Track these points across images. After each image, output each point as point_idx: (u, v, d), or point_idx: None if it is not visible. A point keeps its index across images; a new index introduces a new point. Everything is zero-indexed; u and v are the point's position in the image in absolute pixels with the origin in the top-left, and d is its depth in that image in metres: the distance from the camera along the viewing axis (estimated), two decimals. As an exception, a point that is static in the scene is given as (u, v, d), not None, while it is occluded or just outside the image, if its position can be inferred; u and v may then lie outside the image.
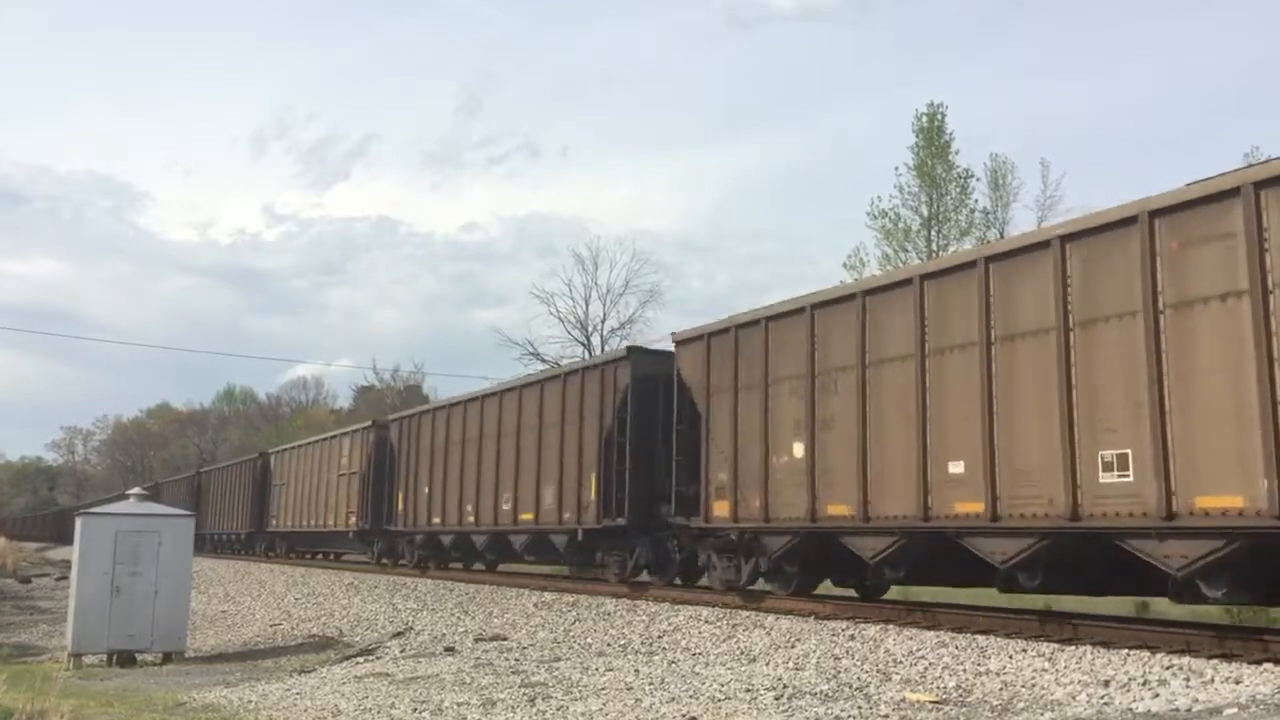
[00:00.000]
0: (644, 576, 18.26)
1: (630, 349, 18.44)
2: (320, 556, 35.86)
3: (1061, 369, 10.37)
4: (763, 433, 14.27)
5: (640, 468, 17.23)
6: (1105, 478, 9.89)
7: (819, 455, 13.33)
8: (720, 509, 15.06)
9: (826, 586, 16.10)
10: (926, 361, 11.98)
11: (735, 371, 14.98)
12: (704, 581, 16.69)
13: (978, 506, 11.12)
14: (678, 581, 17.53)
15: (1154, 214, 9.68)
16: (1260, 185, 8.96)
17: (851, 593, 15.35)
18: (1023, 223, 35.14)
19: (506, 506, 20.97)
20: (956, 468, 11.42)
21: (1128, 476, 9.70)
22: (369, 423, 29.58)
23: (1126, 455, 9.74)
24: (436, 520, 24.33)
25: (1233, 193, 9.17)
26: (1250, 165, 10.29)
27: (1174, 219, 9.54)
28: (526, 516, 20.27)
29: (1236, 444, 8.92)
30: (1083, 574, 11.19)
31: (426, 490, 24.92)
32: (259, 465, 40.14)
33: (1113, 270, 10.04)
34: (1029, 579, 11.27)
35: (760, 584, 15.31)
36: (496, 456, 21.55)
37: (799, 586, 14.81)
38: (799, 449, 13.72)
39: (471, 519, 22.43)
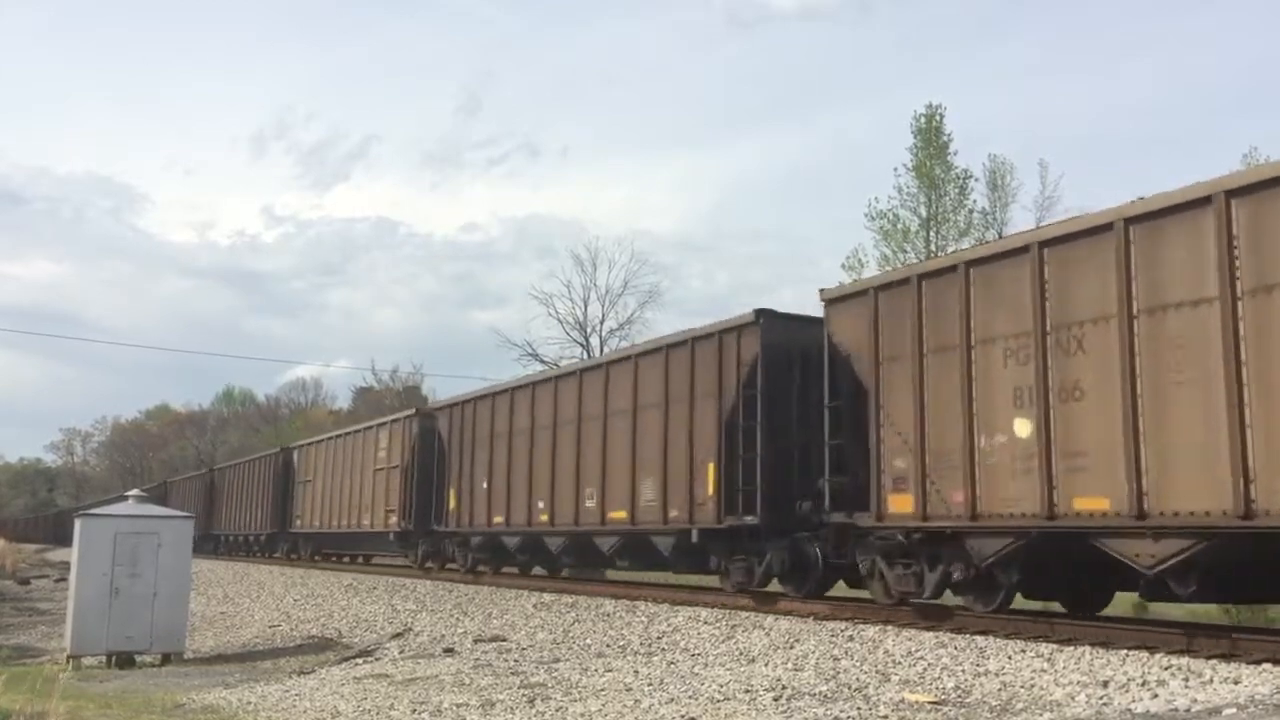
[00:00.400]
0: (773, 586, 15.28)
1: (760, 311, 14.96)
2: (348, 559, 33.55)
3: None
4: (965, 407, 11.49)
5: (774, 455, 14.50)
6: None
7: (1058, 433, 10.55)
8: (899, 504, 12.34)
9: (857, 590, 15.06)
10: (1241, 304, 9.13)
11: (918, 332, 12.22)
12: (866, 593, 13.83)
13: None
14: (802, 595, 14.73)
15: None
16: None
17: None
18: (1021, 223, 35.20)
19: (590, 504, 18.22)
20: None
21: None
22: (411, 411, 26.79)
23: None
24: (499, 519, 21.45)
25: None
26: None
27: None
28: (618, 515, 17.47)
29: None
30: None
31: (485, 485, 22.06)
32: (280, 461, 37.29)
33: None
34: None
35: (945, 596, 12.66)
36: (577, 445, 18.70)
37: (1003, 601, 11.87)
38: (1024, 426, 10.94)
39: (544, 518, 19.66)
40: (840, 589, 15.03)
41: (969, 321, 11.61)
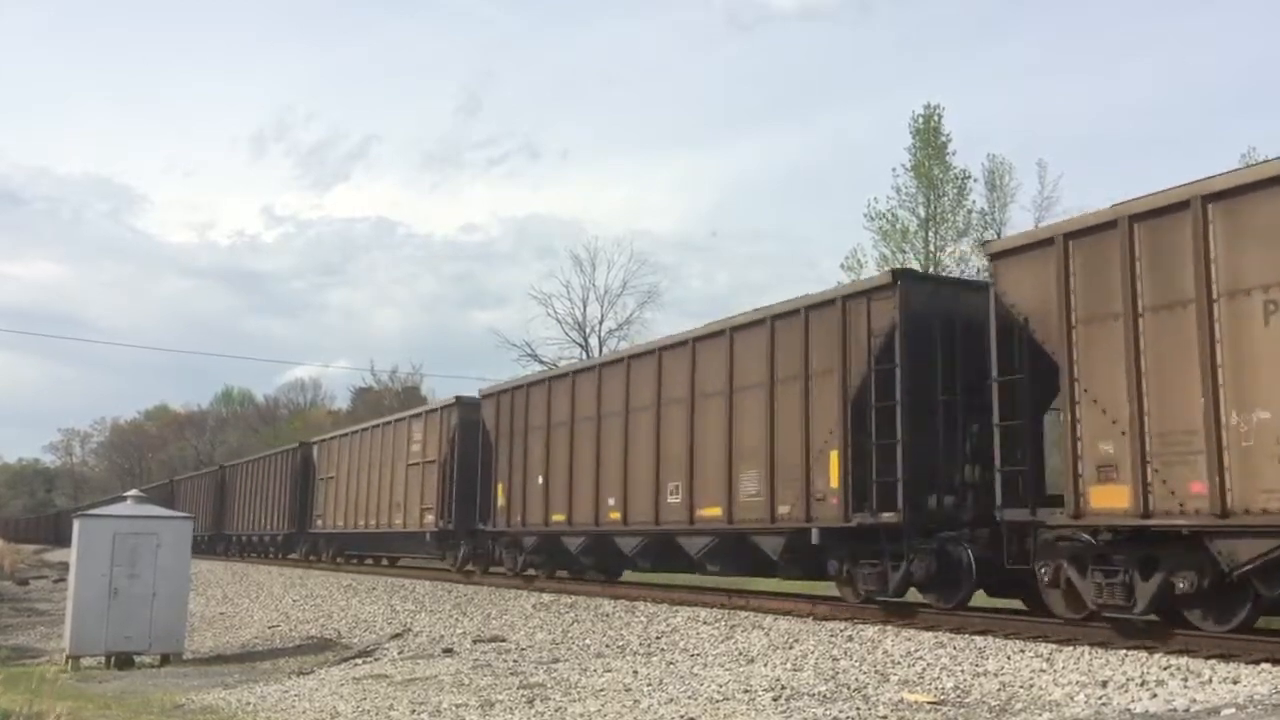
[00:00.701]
0: (911, 595, 13.23)
1: (898, 271, 13.21)
2: (371, 561, 31.87)
3: None
4: (1208, 375, 9.32)
5: (918, 441, 12.51)
6: None
7: None
8: (1107, 496, 10.11)
9: (820, 586, 14.92)
10: None
11: (1131, 285, 10.04)
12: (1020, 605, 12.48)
13: None
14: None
15: None
16: None
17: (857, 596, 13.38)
18: (1020, 224, 35.25)
19: (675, 499, 16.08)
20: None
21: None
22: (451, 400, 24.10)
23: None
24: (559, 518, 19.14)
25: None
26: None
27: None
28: (710, 513, 15.28)
29: None
30: None
31: (541, 480, 19.56)
32: (299, 457, 35.26)
33: None
34: None
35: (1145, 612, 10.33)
36: (656, 434, 16.63)
37: (1247, 618, 9.80)
38: None
39: (616, 515, 17.46)
40: (980, 599, 13.23)
41: (1208, 268, 9.51)
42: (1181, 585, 9.81)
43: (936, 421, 12.74)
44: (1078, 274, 10.69)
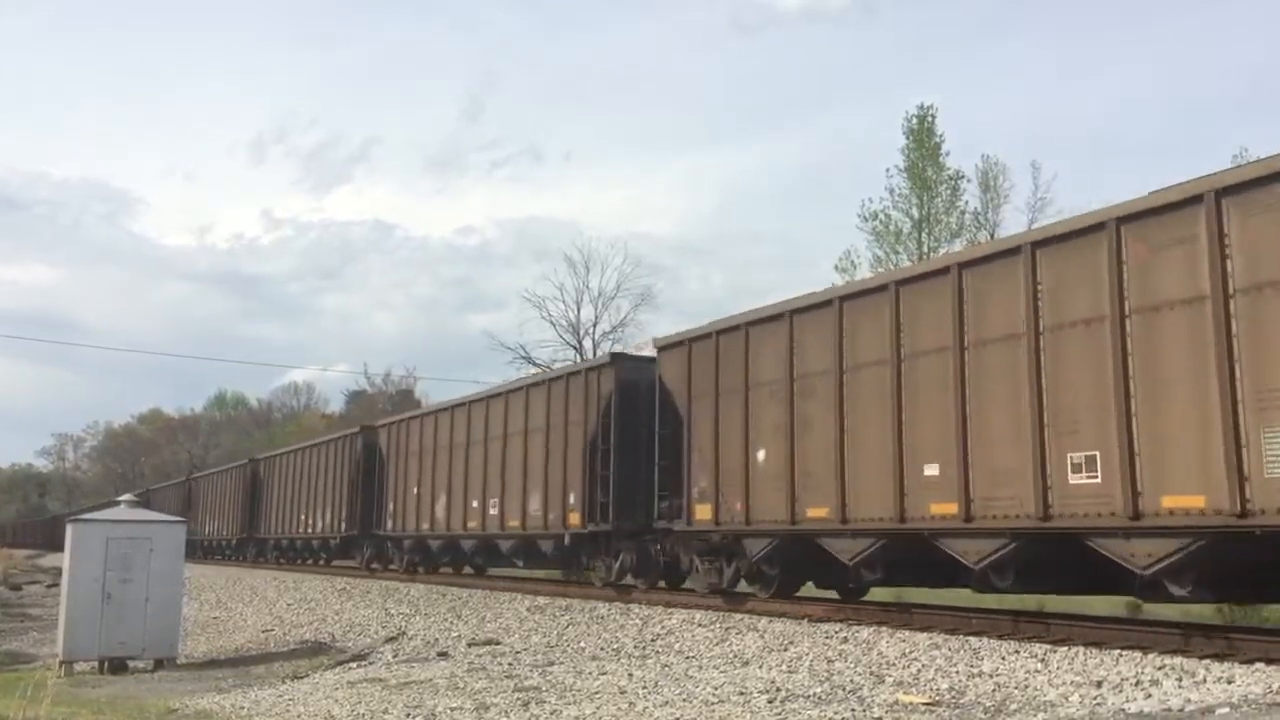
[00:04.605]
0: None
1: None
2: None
3: None
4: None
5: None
6: None
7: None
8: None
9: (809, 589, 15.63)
10: None
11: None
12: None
13: None
14: None
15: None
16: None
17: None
18: (1014, 225, 35.29)
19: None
20: None
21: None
22: (604, 359, 20.85)
23: None
24: (819, 512, 16.42)
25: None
26: None
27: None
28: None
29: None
30: None
31: (763, 456, 15.02)
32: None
33: None
34: None
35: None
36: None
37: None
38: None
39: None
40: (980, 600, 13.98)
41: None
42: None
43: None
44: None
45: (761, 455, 14.21)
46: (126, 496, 19.44)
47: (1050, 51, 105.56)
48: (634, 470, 17.19)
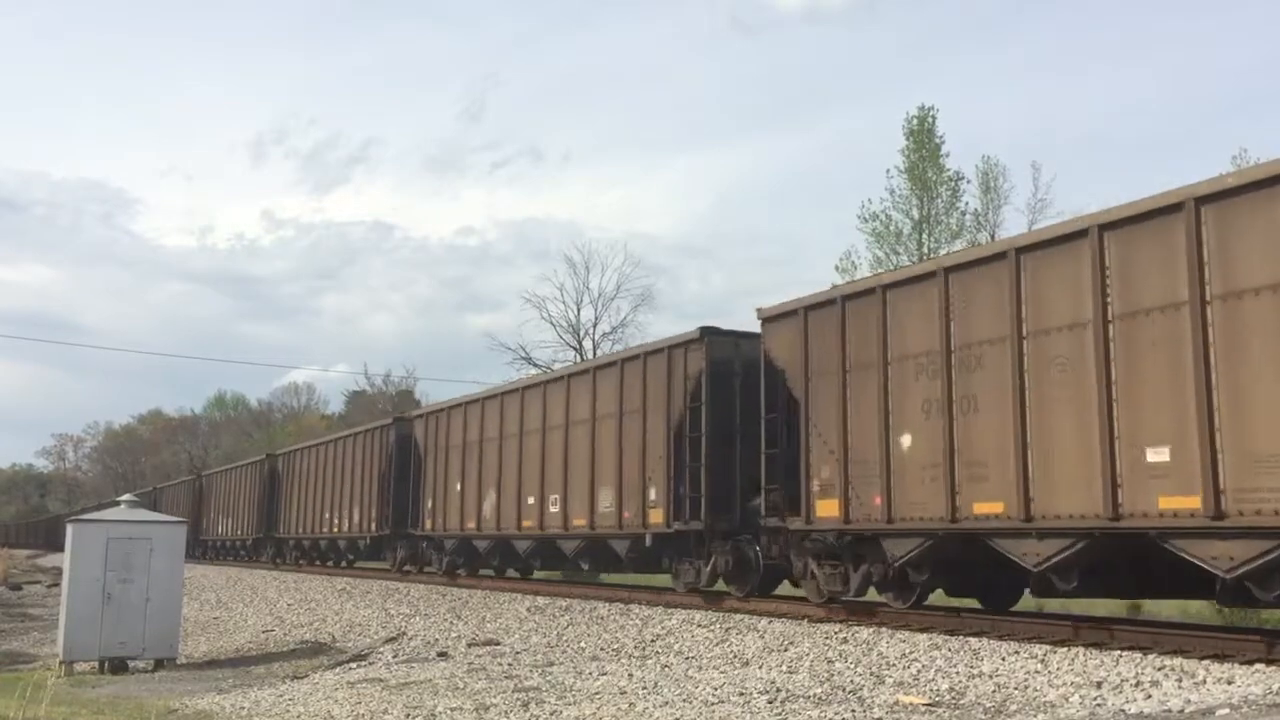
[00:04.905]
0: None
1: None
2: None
3: None
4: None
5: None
6: None
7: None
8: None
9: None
10: None
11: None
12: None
13: None
14: None
15: None
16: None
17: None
18: (1014, 226, 35.29)
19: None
20: None
21: None
22: (692, 334, 17.70)
23: None
24: (990, 508, 17.01)
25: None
26: None
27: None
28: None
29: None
30: None
31: (907, 441, 16.17)
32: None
33: None
34: None
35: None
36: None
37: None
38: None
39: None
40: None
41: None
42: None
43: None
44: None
45: (906, 441, 12.17)
46: (127, 497, 19.43)
47: (1050, 52, 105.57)
48: (727, 461, 15.32)
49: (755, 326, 15.05)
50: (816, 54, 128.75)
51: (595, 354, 44.81)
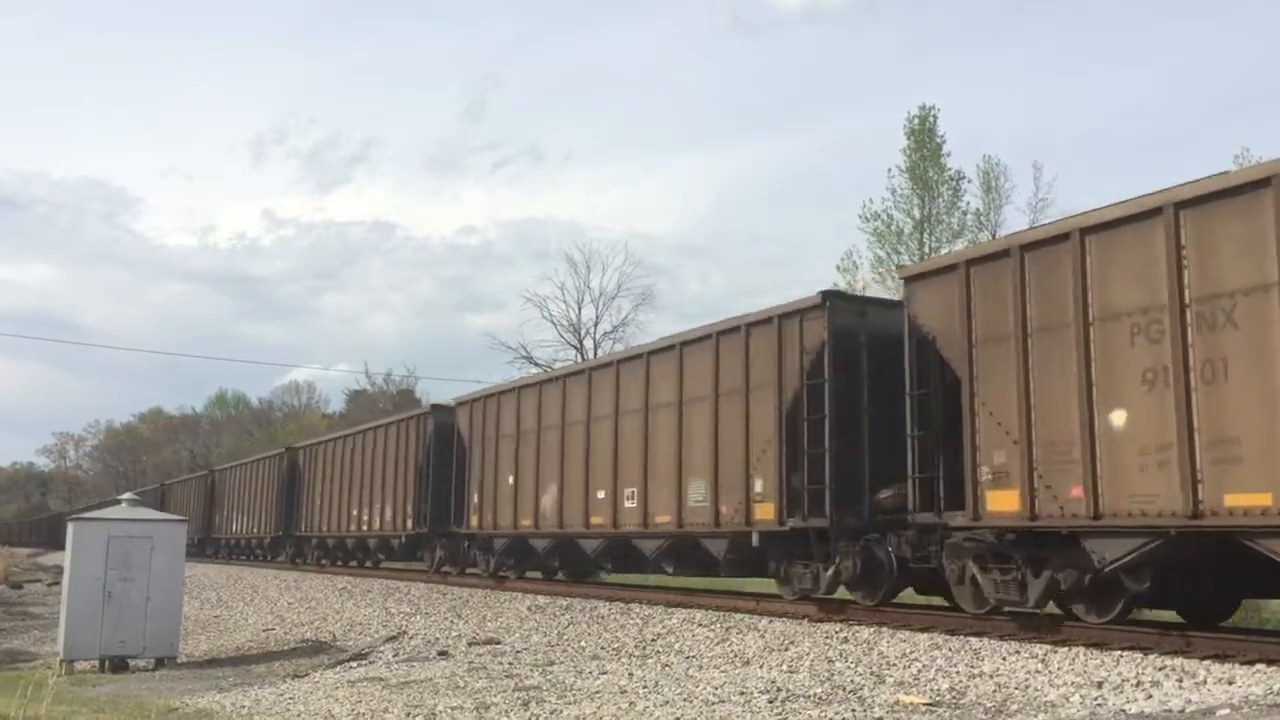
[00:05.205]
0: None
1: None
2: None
3: None
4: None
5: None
6: None
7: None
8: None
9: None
10: None
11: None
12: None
13: None
14: None
15: None
16: None
17: (847, 595, 13.91)
18: (1015, 225, 35.25)
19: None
20: None
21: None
22: (812, 299, 17.19)
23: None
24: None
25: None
26: None
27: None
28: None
29: None
30: None
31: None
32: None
33: None
34: None
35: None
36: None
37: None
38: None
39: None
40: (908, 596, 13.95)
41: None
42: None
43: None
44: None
45: (1119, 419, 10.06)
46: (127, 495, 19.43)
47: (1050, 52, 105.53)
48: (854, 447, 13.37)
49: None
50: (816, 54, 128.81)
51: (596, 354, 44.77)
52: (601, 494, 17.74)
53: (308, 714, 10.18)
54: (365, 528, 28.46)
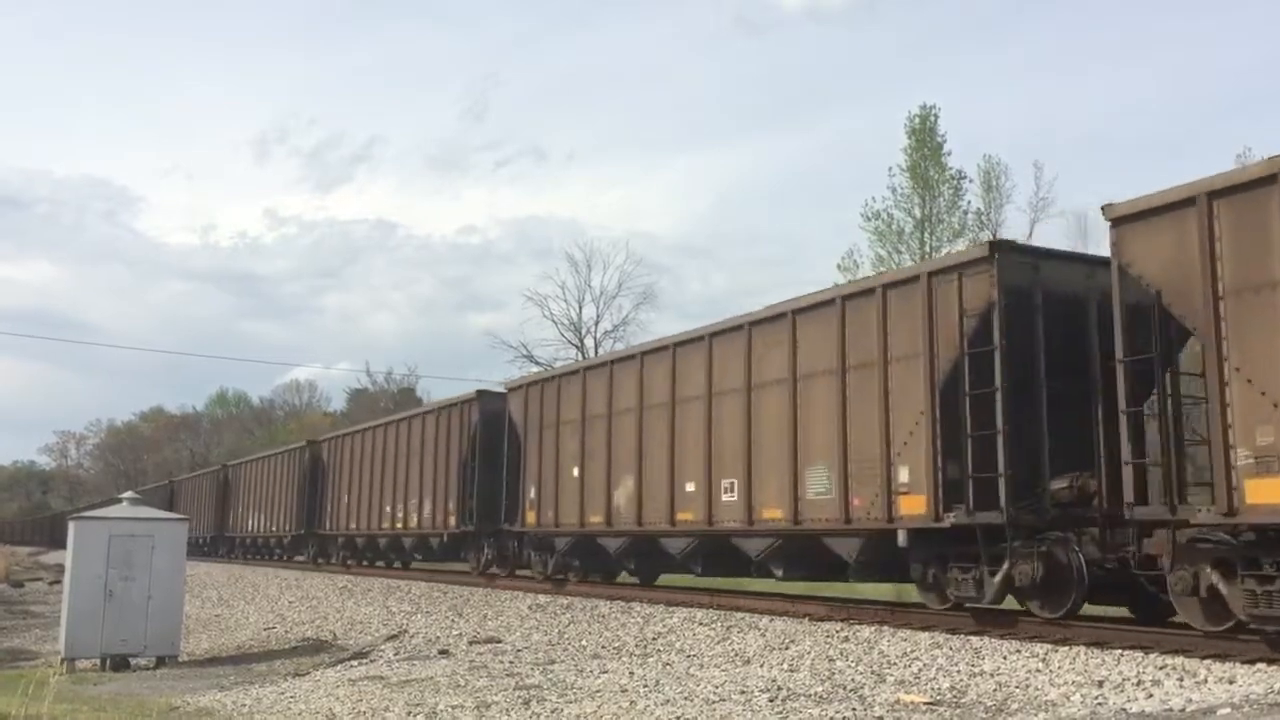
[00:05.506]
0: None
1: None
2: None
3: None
4: None
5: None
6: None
7: None
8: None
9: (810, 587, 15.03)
10: None
11: None
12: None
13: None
14: None
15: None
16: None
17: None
18: (1016, 224, 35.31)
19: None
20: None
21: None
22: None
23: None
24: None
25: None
26: None
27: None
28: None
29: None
30: None
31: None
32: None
33: None
34: None
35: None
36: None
37: None
38: None
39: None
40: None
41: None
42: None
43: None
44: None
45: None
46: (129, 494, 19.43)
47: (1050, 52, 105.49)
48: (1032, 428, 11.49)
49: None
50: (817, 54, 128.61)
51: (596, 352, 44.67)
52: (691, 486, 15.76)
53: (309, 712, 10.19)
54: (400, 525, 26.29)
